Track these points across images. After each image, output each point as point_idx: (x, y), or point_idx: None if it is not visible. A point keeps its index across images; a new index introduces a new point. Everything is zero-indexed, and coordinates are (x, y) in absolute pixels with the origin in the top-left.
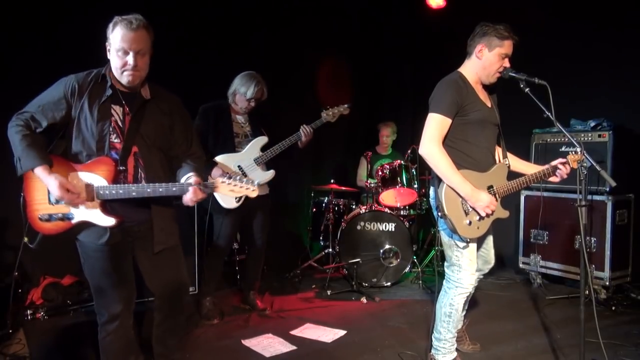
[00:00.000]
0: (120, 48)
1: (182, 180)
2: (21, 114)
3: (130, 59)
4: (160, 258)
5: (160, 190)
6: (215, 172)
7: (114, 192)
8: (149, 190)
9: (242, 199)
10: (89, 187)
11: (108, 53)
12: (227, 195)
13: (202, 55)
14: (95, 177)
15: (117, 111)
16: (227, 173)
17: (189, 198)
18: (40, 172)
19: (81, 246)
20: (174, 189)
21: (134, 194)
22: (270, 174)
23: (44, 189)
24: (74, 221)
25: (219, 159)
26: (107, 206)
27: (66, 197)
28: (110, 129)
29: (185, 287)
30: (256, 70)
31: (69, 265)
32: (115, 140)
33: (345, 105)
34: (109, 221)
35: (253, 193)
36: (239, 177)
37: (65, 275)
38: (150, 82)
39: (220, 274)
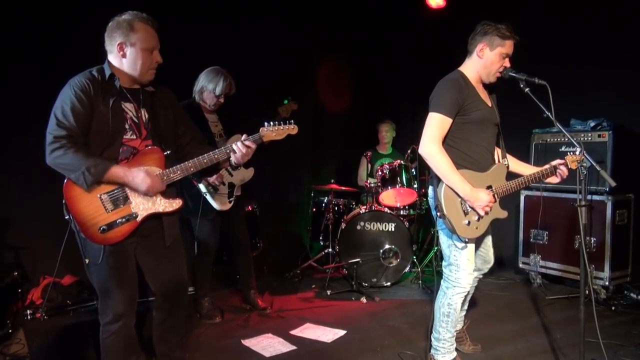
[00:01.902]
0: (149, 47)
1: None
2: (58, 138)
3: (158, 56)
4: (162, 253)
5: (216, 156)
6: (215, 177)
7: (172, 175)
8: (204, 161)
9: (234, 198)
10: (159, 175)
11: (121, 52)
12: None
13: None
14: (148, 168)
15: (129, 108)
16: (221, 177)
17: (241, 155)
18: (118, 169)
19: (86, 246)
20: (227, 151)
21: (192, 169)
22: (252, 170)
23: (94, 201)
24: (139, 219)
25: None
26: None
27: (156, 187)
28: (127, 127)
29: (186, 284)
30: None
31: (68, 265)
32: (132, 137)
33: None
34: (176, 203)
35: (294, 130)
36: (276, 121)
37: (65, 275)
38: None
39: (210, 273)
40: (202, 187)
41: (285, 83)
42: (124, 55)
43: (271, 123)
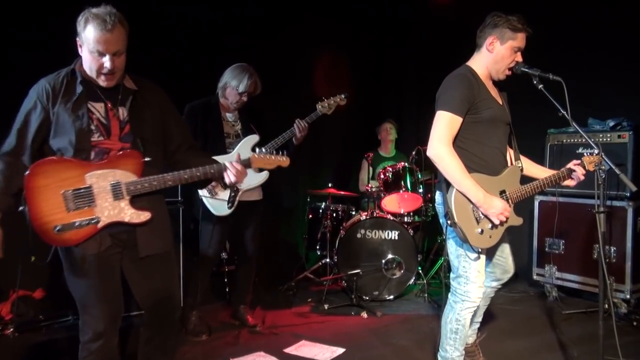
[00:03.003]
0: (95, 50)
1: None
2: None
3: (107, 62)
4: (151, 266)
5: (198, 174)
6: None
7: (147, 184)
8: (185, 176)
9: (235, 205)
10: (115, 185)
11: (80, 49)
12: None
13: (191, 48)
14: (121, 173)
15: (97, 108)
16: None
17: (233, 179)
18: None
19: (66, 256)
20: (211, 171)
21: (169, 183)
22: (264, 175)
23: (56, 198)
24: (100, 225)
25: None
26: (136, 201)
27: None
28: (92, 128)
29: (177, 300)
30: (248, 63)
31: (41, 277)
32: (99, 139)
33: (342, 95)
34: (144, 216)
35: (285, 162)
36: (269, 149)
37: (38, 288)
38: (129, 72)
39: (207, 286)
40: (199, 191)
41: (279, 79)
42: (81, 52)
43: (263, 150)
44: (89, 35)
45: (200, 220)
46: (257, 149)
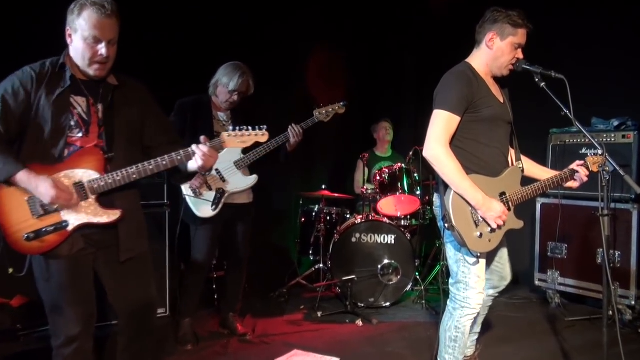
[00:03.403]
0: (91, 36)
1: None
2: None
3: (102, 49)
4: (127, 269)
5: (164, 163)
6: (194, 180)
7: (110, 181)
8: (150, 167)
9: (220, 206)
10: (78, 185)
11: (69, 38)
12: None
13: (183, 45)
14: (83, 172)
15: (79, 103)
16: (202, 181)
17: (201, 163)
18: (25, 175)
19: (36, 259)
20: (178, 157)
21: (134, 176)
22: (253, 179)
23: (22, 206)
24: (70, 228)
25: None
26: (105, 200)
27: (63, 198)
28: (72, 124)
29: (154, 305)
30: (243, 62)
31: (19, 284)
32: (79, 135)
33: (341, 104)
34: (113, 215)
35: (263, 137)
36: (244, 127)
37: (15, 296)
38: (113, 69)
39: (200, 293)
40: (182, 188)
41: (271, 76)
42: (71, 42)
43: (237, 128)
44: (85, 21)
45: (190, 224)
46: (230, 128)
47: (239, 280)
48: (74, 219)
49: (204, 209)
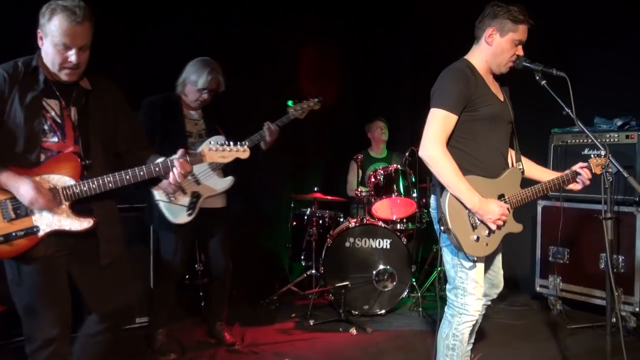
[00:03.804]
0: (61, 43)
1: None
2: None
3: (72, 56)
4: (104, 273)
5: (142, 173)
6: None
7: (85, 188)
8: (127, 176)
9: (196, 210)
10: (53, 190)
11: (40, 41)
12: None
13: (154, 40)
14: (58, 178)
15: (52, 106)
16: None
17: (178, 178)
18: (6, 176)
19: (8, 262)
20: (156, 169)
21: (110, 185)
22: (229, 181)
23: None
24: (40, 234)
25: None
26: (80, 208)
27: (42, 200)
28: (46, 128)
29: (133, 308)
30: (214, 57)
31: None
32: (54, 140)
33: (316, 100)
34: (85, 223)
35: (244, 154)
36: (225, 142)
37: None
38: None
39: (171, 302)
40: (155, 194)
41: (260, 71)
42: (42, 45)
43: (218, 142)
44: (55, 27)
45: (157, 229)
46: (212, 142)
47: (222, 288)
48: (45, 225)
49: (179, 214)
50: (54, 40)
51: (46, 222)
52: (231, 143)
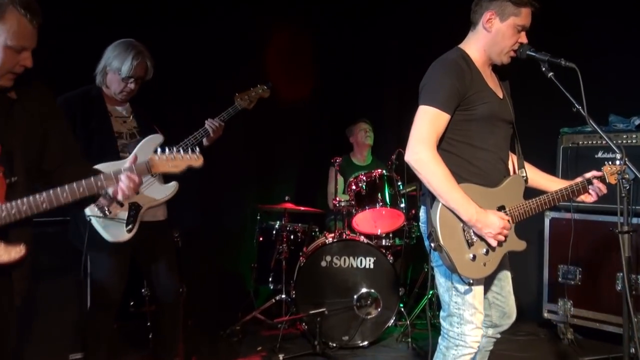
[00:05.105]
0: (16, 45)
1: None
2: None
3: (28, 59)
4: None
5: (81, 190)
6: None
7: (13, 211)
8: (64, 194)
9: (137, 225)
10: None
11: None
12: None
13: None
14: None
15: None
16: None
17: (128, 192)
18: None
19: None
20: (99, 183)
21: (45, 205)
22: (173, 187)
23: None
24: None
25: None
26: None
27: None
28: None
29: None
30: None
31: None
32: None
33: (265, 86)
34: (15, 252)
35: (197, 162)
36: (175, 148)
37: None
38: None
39: (109, 335)
40: (86, 210)
41: (220, 61)
42: None
43: (166, 150)
44: (10, 28)
45: (87, 250)
46: (160, 150)
47: (175, 317)
48: None
49: (116, 231)
50: (7, 42)
51: None
52: (181, 150)
